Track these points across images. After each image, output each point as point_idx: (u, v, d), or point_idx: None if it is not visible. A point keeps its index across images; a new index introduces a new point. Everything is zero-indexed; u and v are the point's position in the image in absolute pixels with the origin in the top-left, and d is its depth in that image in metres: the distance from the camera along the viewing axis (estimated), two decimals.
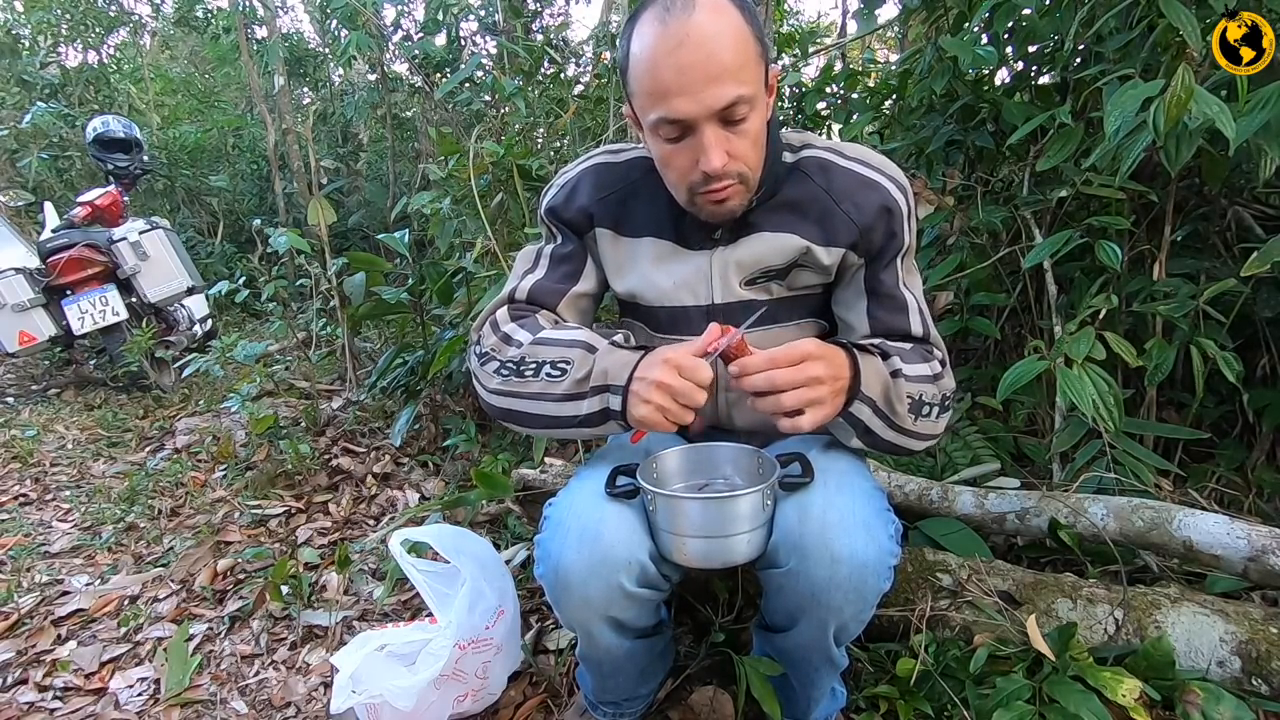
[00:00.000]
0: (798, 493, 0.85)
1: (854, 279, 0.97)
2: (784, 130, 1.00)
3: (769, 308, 0.98)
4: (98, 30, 6.33)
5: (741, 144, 0.84)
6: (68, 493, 2.31)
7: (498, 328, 0.99)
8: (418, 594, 1.30)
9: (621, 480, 0.89)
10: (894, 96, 2.26)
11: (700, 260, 0.98)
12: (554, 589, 0.87)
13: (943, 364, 0.95)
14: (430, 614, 1.27)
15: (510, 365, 0.94)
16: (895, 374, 0.88)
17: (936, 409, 0.91)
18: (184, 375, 2.79)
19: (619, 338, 0.92)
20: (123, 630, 1.55)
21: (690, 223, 0.96)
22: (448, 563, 1.22)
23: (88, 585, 1.74)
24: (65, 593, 1.70)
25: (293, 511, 2.06)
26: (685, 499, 0.85)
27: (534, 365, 0.92)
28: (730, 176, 0.85)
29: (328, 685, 1.34)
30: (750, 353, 0.81)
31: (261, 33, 5.62)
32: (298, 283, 2.91)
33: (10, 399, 3.47)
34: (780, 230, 0.94)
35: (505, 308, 1.02)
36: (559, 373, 0.90)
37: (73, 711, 1.32)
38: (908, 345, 0.94)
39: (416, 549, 1.37)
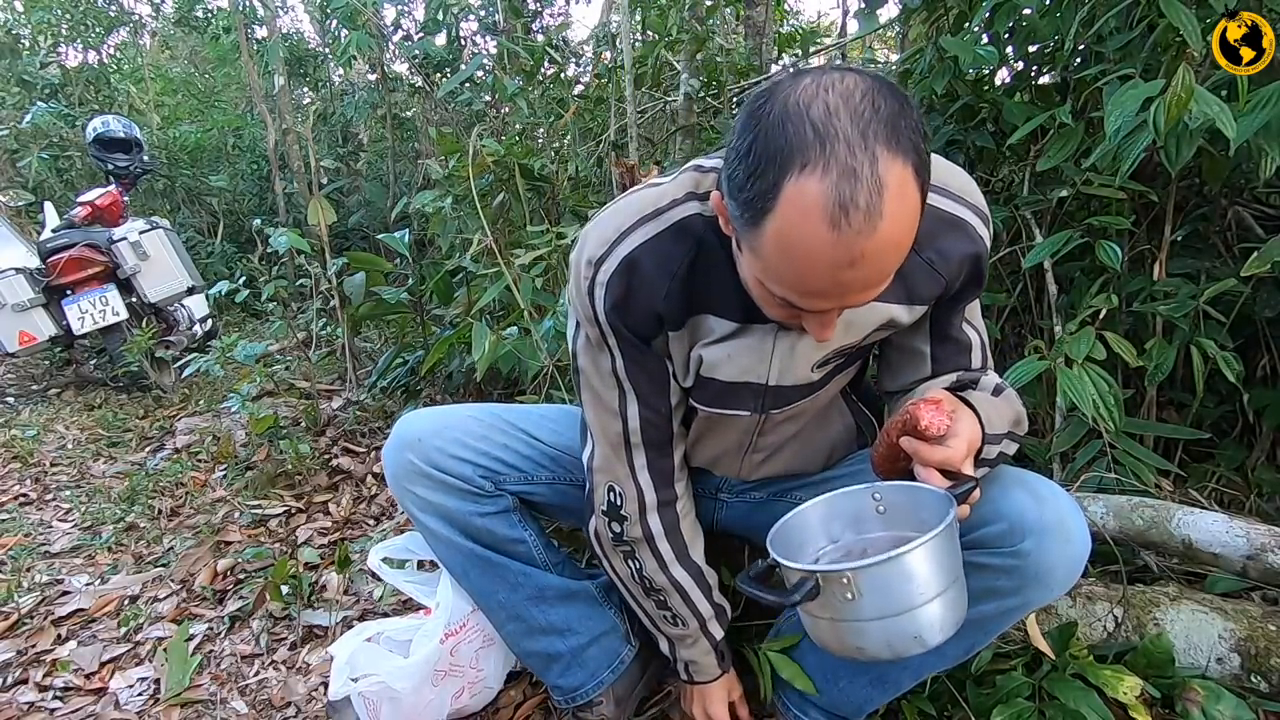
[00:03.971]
0: (1020, 481, 0.84)
1: (921, 321, 0.90)
2: None
3: (822, 377, 0.91)
4: (98, 30, 6.33)
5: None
6: (68, 493, 2.31)
7: (645, 518, 0.98)
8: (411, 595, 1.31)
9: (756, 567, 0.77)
10: None
11: (764, 335, 0.85)
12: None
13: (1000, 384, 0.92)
14: (425, 609, 1.27)
15: (638, 580, 1.03)
16: (998, 390, 0.87)
17: (1018, 403, 0.90)
18: (184, 375, 2.78)
19: (719, 634, 1.07)
20: (123, 630, 1.55)
21: None
22: (432, 569, 1.23)
23: (88, 585, 1.74)
24: (65, 593, 1.70)
25: (293, 511, 2.06)
26: (854, 569, 0.66)
27: (658, 598, 1.03)
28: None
29: (328, 685, 1.34)
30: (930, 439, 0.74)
31: (261, 33, 5.62)
32: (298, 283, 2.90)
33: (10, 399, 3.47)
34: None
35: (650, 488, 0.96)
36: (669, 617, 1.05)
37: (73, 711, 1.32)
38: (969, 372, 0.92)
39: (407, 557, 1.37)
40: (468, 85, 3.22)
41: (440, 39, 3.92)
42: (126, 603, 1.66)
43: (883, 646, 0.68)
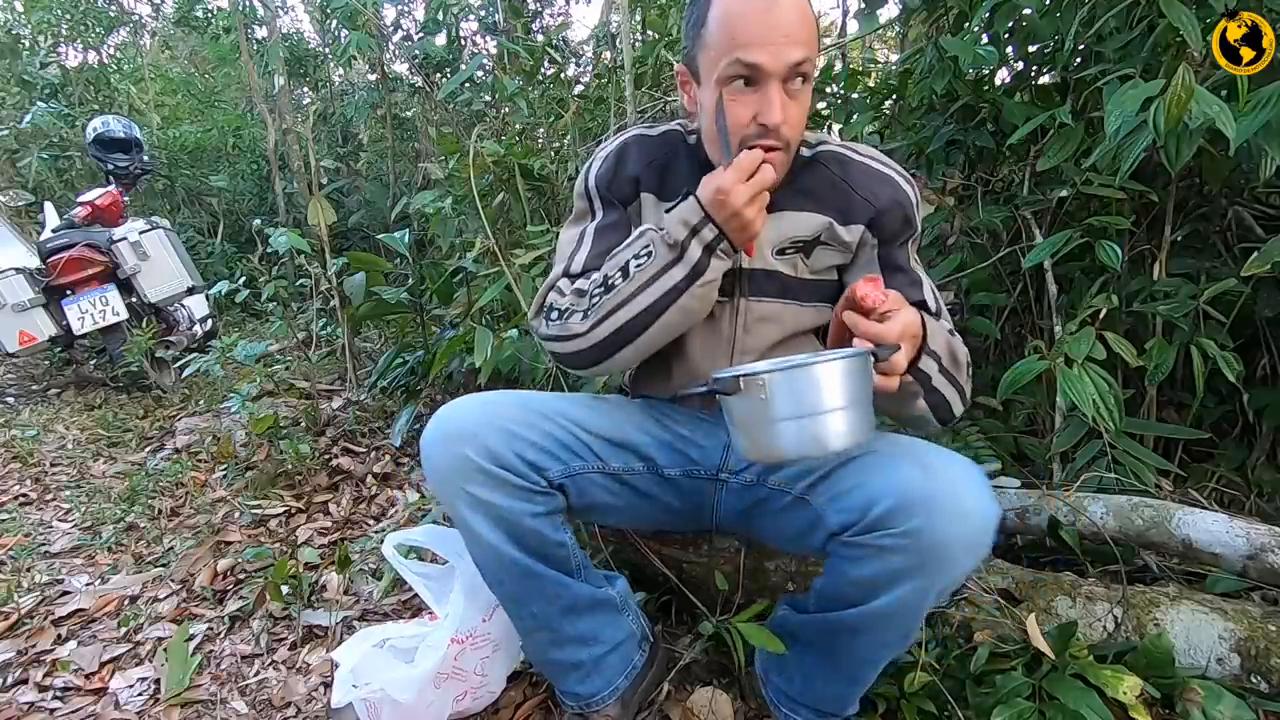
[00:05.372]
0: (912, 454, 0.87)
1: (870, 257, 1.07)
2: None
3: (790, 284, 1.07)
4: (98, 30, 6.33)
5: (795, 111, 0.93)
6: (68, 493, 2.31)
7: (564, 293, 1.04)
8: (418, 594, 1.31)
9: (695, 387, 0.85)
10: (894, 96, 2.26)
11: None
12: (424, 469, 0.99)
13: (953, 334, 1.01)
14: (431, 613, 1.27)
15: (597, 292, 0.98)
16: (951, 332, 0.97)
17: (968, 367, 0.99)
18: (184, 375, 2.79)
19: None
20: (123, 630, 1.55)
21: None
22: (443, 564, 1.22)
23: (88, 585, 1.74)
24: (65, 593, 1.70)
25: (293, 511, 2.06)
26: (769, 371, 0.77)
27: (619, 271, 0.97)
28: (780, 138, 0.93)
29: (328, 685, 1.34)
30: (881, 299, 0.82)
31: (261, 33, 5.62)
32: (298, 283, 2.91)
33: (10, 399, 3.47)
34: (803, 210, 1.04)
35: (564, 279, 1.07)
36: (646, 256, 0.96)
37: (73, 711, 1.32)
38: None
39: (417, 551, 1.37)
40: (468, 85, 3.22)
41: (440, 39, 3.92)
42: (126, 603, 1.66)
43: (793, 445, 0.77)
